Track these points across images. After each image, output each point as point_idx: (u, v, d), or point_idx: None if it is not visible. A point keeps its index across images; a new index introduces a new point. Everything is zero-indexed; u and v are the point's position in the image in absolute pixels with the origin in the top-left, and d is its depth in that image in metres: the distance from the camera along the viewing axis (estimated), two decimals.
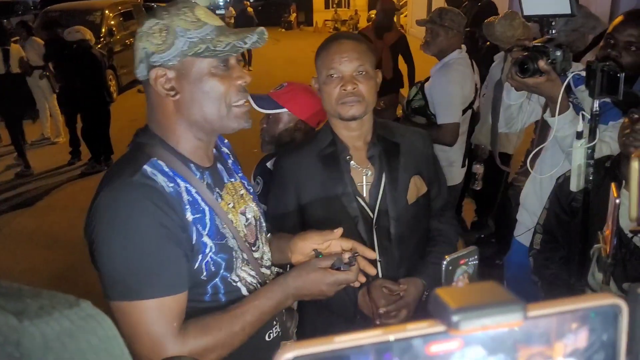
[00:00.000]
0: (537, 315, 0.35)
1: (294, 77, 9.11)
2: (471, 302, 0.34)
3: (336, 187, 1.72)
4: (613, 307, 0.36)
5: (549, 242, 1.97)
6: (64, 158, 7.30)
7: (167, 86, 1.24)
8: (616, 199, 1.19)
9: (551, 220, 1.96)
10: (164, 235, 1.17)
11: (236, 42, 1.22)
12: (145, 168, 1.21)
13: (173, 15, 1.23)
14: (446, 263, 1.10)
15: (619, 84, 1.62)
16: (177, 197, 1.22)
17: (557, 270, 1.92)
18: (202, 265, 1.25)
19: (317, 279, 1.31)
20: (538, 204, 2.35)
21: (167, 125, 1.29)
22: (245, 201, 1.44)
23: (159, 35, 1.22)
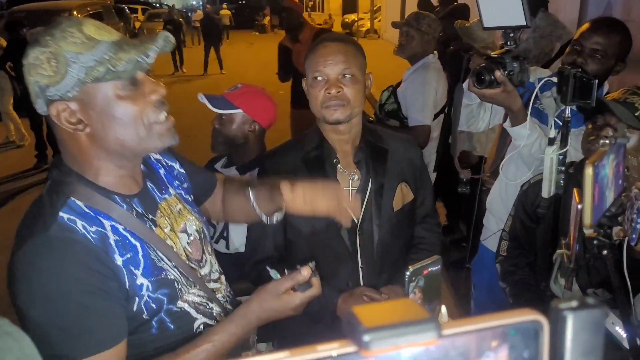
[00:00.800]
0: (453, 334, 0.33)
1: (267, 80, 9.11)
2: (384, 321, 0.32)
3: None
4: (533, 324, 0.35)
5: (515, 248, 1.98)
6: (30, 161, 7.14)
7: (73, 120, 1.11)
8: (578, 205, 1.18)
9: (516, 227, 1.97)
10: (90, 292, 1.09)
11: (138, 56, 1.09)
12: (62, 216, 1.11)
13: (58, 39, 1.07)
14: (409, 273, 1.08)
15: (592, 90, 1.63)
16: (102, 242, 1.12)
17: (524, 276, 1.93)
18: (142, 306, 1.17)
19: (282, 307, 1.23)
20: (503, 209, 2.35)
21: (83, 160, 1.16)
22: (184, 216, 1.35)
23: (47, 65, 1.07)
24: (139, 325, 1.17)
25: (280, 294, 1.22)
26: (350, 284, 1.70)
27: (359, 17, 25.04)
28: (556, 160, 1.72)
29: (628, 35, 2.10)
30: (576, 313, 0.34)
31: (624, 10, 5.17)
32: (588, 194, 1.07)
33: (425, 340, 0.32)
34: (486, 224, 2.52)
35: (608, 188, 1.15)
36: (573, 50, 2.08)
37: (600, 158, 1.09)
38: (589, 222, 1.09)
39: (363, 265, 1.71)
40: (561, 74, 1.72)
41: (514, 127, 1.91)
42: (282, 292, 1.22)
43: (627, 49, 2.09)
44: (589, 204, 1.07)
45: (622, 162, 1.23)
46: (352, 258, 1.71)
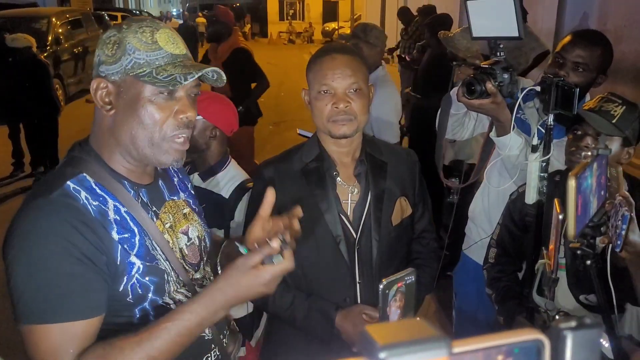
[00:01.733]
0: (462, 352, 0.35)
1: None
2: (398, 338, 0.35)
3: (320, 203, 1.66)
4: (536, 343, 0.37)
5: (503, 256, 1.99)
6: (6, 169, 7.01)
7: (106, 99, 1.20)
8: (559, 215, 1.19)
9: (504, 235, 1.98)
10: (77, 258, 1.11)
11: (178, 75, 1.16)
12: (69, 184, 1.17)
13: (130, 31, 1.18)
14: (382, 287, 1.07)
15: (574, 99, 1.65)
16: (101, 215, 1.17)
17: (509, 283, 1.94)
18: (128, 288, 1.18)
19: (250, 282, 1.13)
20: (485, 218, 2.37)
21: (102, 141, 1.24)
22: (189, 220, 1.38)
23: (111, 47, 1.19)
24: (121, 308, 1.18)
25: (248, 268, 1.13)
26: (348, 299, 1.67)
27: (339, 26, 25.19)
28: (539, 168, 1.74)
29: (609, 48, 2.12)
30: (575, 332, 0.36)
31: (600, 20, 5.27)
32: (572, 205, 1.08)
33: (436, 357, 0.34)
34: (468, 233, 2.53)
35: (591, 199, 1.16)
36: (555, 62, 2.09)
37: (582, 170, 1.11)
38: (573, 233, 1.10)
39: (361, 280, 1.68)
40: (544, 82, 1.74)
41: (499, 136, 1.92)
42: (251, 266, 1.13)
43: (608, 61, 2.12)
44: (572, 215, 1.08)
45: (604, 173, 1.24)
46: (349, 273, 1.68)
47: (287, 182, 1.70)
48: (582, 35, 2.15)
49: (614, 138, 1.71)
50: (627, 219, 1.29)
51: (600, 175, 1.19)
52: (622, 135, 1.70)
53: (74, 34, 11.58)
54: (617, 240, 1.30)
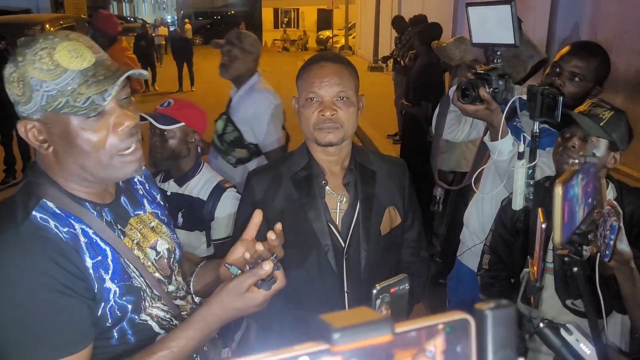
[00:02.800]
0: (403, 331, 0.41)
1: None
2: (348, 322, 0.40)
3: (308, 212, 1.66)
4: (463, 322, 0.42)
5: (496, 262, 2.01)
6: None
7: (40, 138, 1.12)
8: (542, 224, 1.20)
9: (497, 242, 2.00)
10: (59, 291, 1.07)
11: (95, 96, 1.07)
12: (35, 215, 1.11)
13: (28, 62, 1.07)
14: (376, 292, 1.08)
15: (557, 107, 1.68)
16: (73, 242, 1.12)
17: (502, 288, 1.95)
18: (107, 312, 1.15)
19: (244, 305, 1.15)
20: (479, 224, 2.38)
21: (52, 170, 1.17)
22: (157, 233, 1.34)
23: (17, 85, 1.09)
24: (100, 333, 1.15)
25: (242, 292, 1.13)
26: (336, 309, 1.67)
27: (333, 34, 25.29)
28: (525, 174, 1.76)
29: (607, 60, 2.16)
30: (494, 312, 0.43)
31: (591, 31, 5.33)
32: (558, 213, 1.09)
33: (382, 336, 0.40)
34: (462, 239, 2.54)
35: (578, 206, 1.17)
36: (552, 71, 2.13)
37: (569, 177, 1.12)
38: (559, 240, 1.11)
39: (349, 290, 1.68)
40: (529, 91, 1.77)
41: (493, 141, 1.94)
42: (244, 290, 1.13)
43: (605, 73, 2.15)
44: (558, 222, 1.09)
45: (592, 181, 1.26)
46: (338, 282, 1.67)
47: (275, 190, 1.69)
48: (580, 46, 2.19)
49: (601, 141, 1.74)
50: (616, 229, 1.30)
51: (587, 183, 1.21)
52: (608, 138, 1.73)
53: None
54: (606, 249, 1.32)
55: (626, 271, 1.48)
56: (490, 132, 1.96)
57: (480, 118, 1.93)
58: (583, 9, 5.49)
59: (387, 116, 8.66)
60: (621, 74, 4.71)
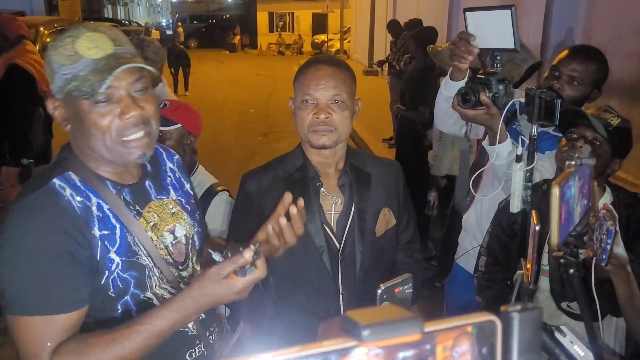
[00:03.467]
0: (433, 330, 0.41)
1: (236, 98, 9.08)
2: (377, 319, 0.40)
3: None
4: (490, 323, 0.43)
5: (493, 264, 2.01)
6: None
7: (64, 116, 1.26)
8: (536, 226, 1.21)
9: (493, 243, 2.00)
10: (57, 255, 1.18)
11: (95, 83, 1.18)
12: (54, 182, 1.23)
13: (53, 47, 1.22)
14: (381, 292, 1.08)
15: (556, 109, 1.68)
16: (85, 212, 1.23)
17: (498, 290, 1.95)
18: (109, 282, 1.24)
19: (223, 291, 1.17)
20: (477, 227, 2.38)
21: (76, 149, 1.30)
22: (177, 219, 1.41)
23: (47, 67, 1.24)
24: (104, 301, 1.24)
25: (221, 278, 1.16)
26: (331, 310, 1.67)
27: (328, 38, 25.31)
28: (523, 177, 1.76)
29: (605, 63, 2.18)
30: (521, 314, 0.44)
31: (585, 35, 5.35)
32: (555, 214, 1.09)
33: (411, 334, 0.40)
34: (461, 242, 2.54)
35: (575, 208, 1.18)
36: (551, 75, 2.14)
37: (566, 179, 1.12)
38: (556, 242, 1.11)
39: (344, 292, 1.68)
40: (527, 94, 1.77)
41: (492, 145, 1.94)
42: (224, 276, 1.16)
43: (603, 77, 2.17)
44: (555, 223, 1.09)
45: (588, 183, 1.26)
46: (333, 284, 1.67)
47: (270, 192, 1.69)
48: (579, 50, 2.21)
49: (607, 145, 1.76)
50: (612, 234, 1.30)
51: (583, 184, 1.21)
52: (617, 143, 1.76)
53: None
54: (603, 254, 1.32)
55: (622, 275, 1.49)
56: (489, 136, 1.96)
57: (479, 123, 1.93)
58: (577, 13, 5.52)
59: (383, 120, 8.67)
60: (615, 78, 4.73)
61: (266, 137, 9.71)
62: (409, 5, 12.97)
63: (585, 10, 5.43)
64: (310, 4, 30.38)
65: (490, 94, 1.82)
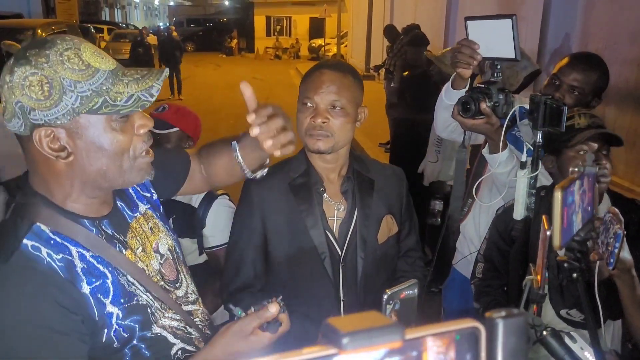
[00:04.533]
0: (413, 337, 0.40)
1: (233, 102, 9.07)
2: (358, 327, 0.39)
3: (306, 219, 1.65)
4: (473, 330, 0.42)
5: (490, 270, 2.00)
6: None
7: (56, 146, 1.05)
8: (547, 231, 1.20)
9: (491, 250, 1.99)
10: (48, 327, 1.02)
11: (141, 94, 1.06)
12: (26, 244, 1.04)
13: (55, 63, 1.02)
14: (386, 297, 1.07)
15: (562, 116, 1.67)
16: (69, 270, 1.06)
17: (496, 297, 1.95)
18: (112, 336, 1.10)
19: (249, 348, 1.11)
20: (475, 233, 2.38)
21: (51, 185, 1.11)
22: (156, 234, 1.29)
23: (39, 89, 1.01)
24: (110, 354, 1.12)
25: (246, 335, 1.11)
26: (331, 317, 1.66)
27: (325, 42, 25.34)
28: (527, 184, 1.75)
29: (605, 72, 2.18)
30: (505, 320, 0.42)
31: (582, 42, 5.37)
32: (557, 217, 1.09)
33: (391, 342, 0.39)
34: (459, 247, 2.54)
35: (576, 213, 1.17)
36: (551, 83, 2.14)
37: (568, 184, 1.12)
38: (558, 244, 1.11)
39: (345, 298, 1.67)
40: (532, 100, 1.76)
41: (492, 154, 1.94)
42: (249, 333, 1.11)
43: (603, 85, 2.17)
44: (558, 227, 1.09)
45: (591, 190, 1.25)
46: (334, 290, 1.67)
47: (273, 197, 1.69)
48: (579, 59, 2.20)
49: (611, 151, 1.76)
50: (620, 237, 1.30)
51: (585, 191, 1.21)
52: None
53: None
54: (610, 257, 1.31)
55: (627, 279, 1.49)
56: (489, 145, 1.95)
57: (479, 132, 1.93)
58: (574, 19, 5.53)
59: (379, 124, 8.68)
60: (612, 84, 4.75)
61: None
62: (406, 11, 13.01)
63: (582, 17, 5.45)
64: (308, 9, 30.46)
65: (490, 103, 1.81)
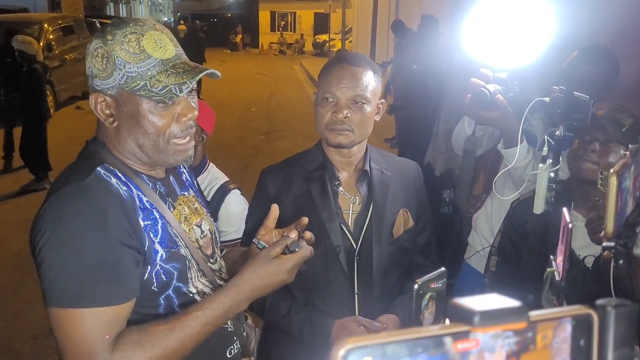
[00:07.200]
0: (537, 319, 0.44)
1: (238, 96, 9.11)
2: (487, 307, 0.42)
3: (321, 212, 1.66)
4: (587, 317, 0.45)
5: (504, 264, 1.99)
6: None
7: (107, 112, 1.22)
8: (569, 224, 1.19)
9: (505, 243, 1.99)
10: (112, 243, 1.14)
11: (173, 87, 1.17)
12: (99, 170, 1.20)
13: (116, 42, 1.17)
14: (417, 287, 1.08)
15: (588, 109, 1.64)
16: (131, 201, 1.21)
17: (509, 290, 1.94)
18: (152, 275, 1.21)
19: (274, 270, 1.23)
20: (487, 227, 2.37)
21: (110, 144, 1.26)
22: (200, 214, 1.41)
23: (100, 60, 1.19)
24: (146, 297, 1.21)
25: (272, 257, 1.24)
26: (346, 310, 1.66)
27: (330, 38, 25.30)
28: (547, 178, 1.73)
29: (616, 64, 2.14)
30: (617, 309, 0.45)
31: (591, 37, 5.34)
32: (612, 202, 1.08)
33: (518, 322, 0.43)
34: (471, 242, 2.52)
35: (629, 198, 1.16)
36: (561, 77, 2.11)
37: (622, 168, 1.11)
38: (611, 230, 1.10)
39: (359, 292, 1.67)
40: (554, 94, 1.72)
41: (508, 148, 1.91)
42: (274, 256, 1.24)
43: (614, 78, 2.14)
44: (612, 212, 1.08)
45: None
46: (348, 283, 1.67)
47: (289, 189, 1.70)
48: (589, 51, 2.18)
49: (620, 147, 1.73)
50: None
51: (638, 175, 1.19)
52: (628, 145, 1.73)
53: (66, 40, 11.53)
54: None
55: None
56: (504, 140, 1.93)
57: (496, 125, 1.90)
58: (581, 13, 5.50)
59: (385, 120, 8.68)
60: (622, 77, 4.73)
61: (268, 136, 9.71)
62: (412, 6, 12.96)
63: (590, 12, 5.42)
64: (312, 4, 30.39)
65: (506, 94, 1.79)
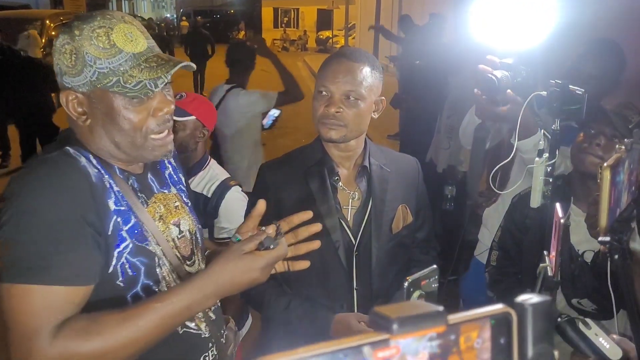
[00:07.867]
0: (456, 322, 0.44)
1: None
2: (406, 313, 0.43)
3: (320, 207, 1.65)
4: (506, 315, 0.45)
5: (504, 258, 1.99)
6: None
7: (79, 110, 1.16)
8: (561, 220, 1.18)
9: (506, 238, 1.98)
10: (74, 217, 1.07)
11: (148, 82, 1.12)
12: (68, 148, 1.16)
13: (85, 37, 1.12)
14: (407, 284, 1.07)
15: (582, 103, 1.62)
16: (101, 184, 1.15)
17: (510, 285, 1.93)
18: (117, 268, 1.13)
19: (246, 267, 1.11)
20: (497, 223, 2.34)
21: (86, 141, 1.20)
22: (180, 213, 1.33)
23: (69, 57, 1.13)
24: (113, 293, 1.13)
25: (242, 253, 1.12)
26: (344, 305, 1.66)
27: (333, 34, 25.28)
28: (544, 171, 1.71)
29: (622, 58, 2.12)
30: (533, 305, 0.46)
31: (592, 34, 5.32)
32: (605, 196, 1.06)
33: (436, 327, 0.43)
34: (481, 238, 2.50)
35: (624, 193, 1.15)
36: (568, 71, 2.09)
37: (617, 162, 1.09)
38: (605, 225, 1.09)
39: (358, 287, 1.67)
40: (552, 87, 1.71)
41: (523, 140, 1.82)
42: (246, 251, 1.12)
43: (621, 72, 2.12)
44: (605, 207, 1.07)
45: (637, 169, 1.23)
46: (347, 279, 1.67)
47: (288, 184, 1.69)
48: (595, 46, 2.15)
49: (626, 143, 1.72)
50: None
51: (632, 170, 1.18)
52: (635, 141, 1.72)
53: None
54: None
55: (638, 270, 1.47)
56: (519, 131, 1.88)
57: (508, 120, 1.82)
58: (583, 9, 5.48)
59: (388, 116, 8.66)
60: None
61: (270, 132, 9.69)
62: (415, 2, 12.93)
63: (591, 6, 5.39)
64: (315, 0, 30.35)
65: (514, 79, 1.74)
